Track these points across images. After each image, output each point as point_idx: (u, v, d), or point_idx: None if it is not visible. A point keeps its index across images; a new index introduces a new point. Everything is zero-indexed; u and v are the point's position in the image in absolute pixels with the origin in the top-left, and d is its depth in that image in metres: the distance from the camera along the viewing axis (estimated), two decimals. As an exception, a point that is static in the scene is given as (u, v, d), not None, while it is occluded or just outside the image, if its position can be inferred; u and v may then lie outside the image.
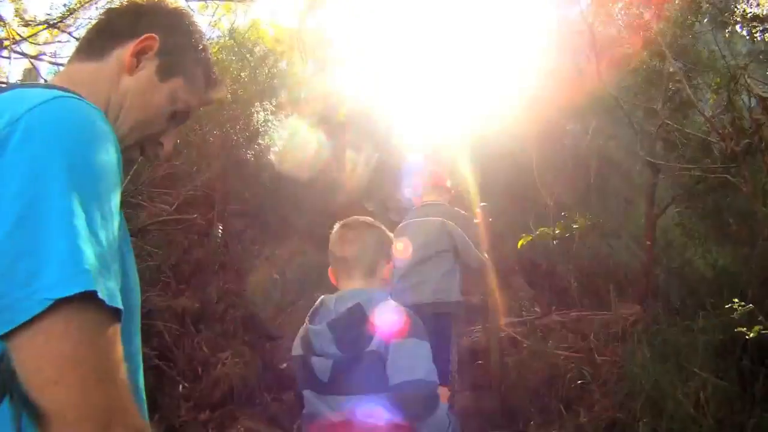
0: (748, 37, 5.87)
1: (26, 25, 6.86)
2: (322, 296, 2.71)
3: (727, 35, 6.50)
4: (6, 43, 6.29)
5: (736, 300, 3.99)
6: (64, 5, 6.80)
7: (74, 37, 7.49)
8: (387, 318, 2.49)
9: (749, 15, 6.08)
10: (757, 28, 5.99)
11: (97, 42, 1.46)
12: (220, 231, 8.22)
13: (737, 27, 6.30)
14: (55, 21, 6.68)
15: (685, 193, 6.63)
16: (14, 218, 0.97)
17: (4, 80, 6.65)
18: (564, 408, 4.93)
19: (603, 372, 5.16)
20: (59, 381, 0.93)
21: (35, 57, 7.42)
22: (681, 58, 6.46)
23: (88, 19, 8.09)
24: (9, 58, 6.43)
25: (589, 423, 4.63)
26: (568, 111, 10.21)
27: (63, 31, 7.48)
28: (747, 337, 3.83)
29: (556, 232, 6.51)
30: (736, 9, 6.26)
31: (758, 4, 6.11)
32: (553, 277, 8.15)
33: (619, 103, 6.34)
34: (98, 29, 1.49)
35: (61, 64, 7.18)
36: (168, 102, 1.51)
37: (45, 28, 6.69)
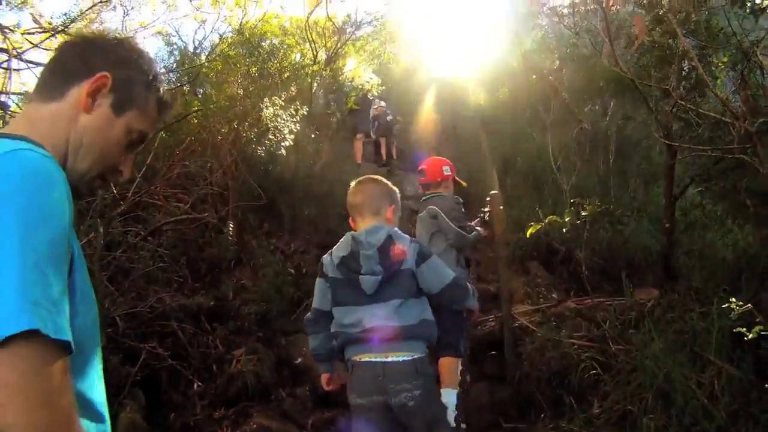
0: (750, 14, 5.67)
1: (45, 31, 6.87)
2: (348, 233, 3.72)
3: (746, 9, 6.31)
4: (13, 53, 6.29)
5: (733, 300, 3.87)
6: (65, 15, 6.81)
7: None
8: (408, 246, 3.60)
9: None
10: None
11: (54, 83, 1.57)
12: (230, 227, 8.21)
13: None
14: (60, 28, 6.68)
15: (704, 173, 6.50)
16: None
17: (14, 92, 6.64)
18: (577, 399, 4.84)
19: (617, 361, 5.07)
20: (7, 405, 1.10)
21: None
22: (694, 36, 6.31)
23: (99, 22, 8.15)
24: (13, 69, 6.41)
25: (600, 415, 4.55)
26: (586, 93, 10.08)
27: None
28: (746, 338, 3.71)
29: (566, 219, 6.38)
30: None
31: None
32: (571, 263, 8.04)
33: (634, 83, 6.20)
34: (53, 69, 1.61)
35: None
36: (125, 134, 1.65)
37: (49, 36, 6.69)
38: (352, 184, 3.92)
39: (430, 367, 3.74)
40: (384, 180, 3.96)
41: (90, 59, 1.59)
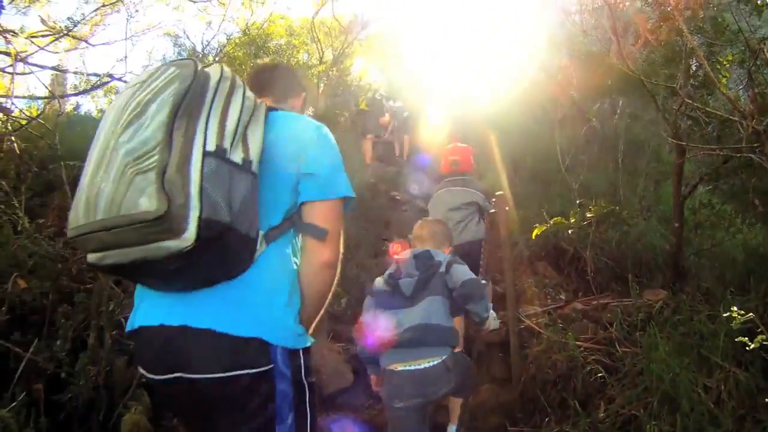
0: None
1: (51, 34, 6.88)
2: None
3: (751, 5, 6.23)
4: (18, 56, 6.31)
5: (734, 309, 3.82)
6: (69, 18, 6.86)
7: (90, 44, 7.53)
8: (443, 258, 4.43)
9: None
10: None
11: (280, 94, 2.88)
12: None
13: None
14: (65, 31, 6.70)
15: (713, 172, 6.44)
16: (332, 162, 2.46)
17: (17, 95, 6.65)
18: (582, 403, 4.80)
19: (623, 364, 5.02)
20: (333, 219, 2.41)
21: (55, 68, 7.43)
22: (701, 33, 6.26)
23: (104, 25, 8.16)
24: (17, 73, 6.41)
25: (605, 420, 4.50)
26: (595, 91, 10.02)
27: (81, 40, 7.51)
28: (747, 348, 3.67)
29: (572, 221, 6.35)
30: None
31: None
32: (579, 263, 7.99)
33: (642, 81, 6.15)
34: (277, 84, 2.89)
35: (93, 74, 7.28)
36: None
37: (54, 40, 6.71)
38: (420, 222, 5.04)
39: (457, 352, 4.35)
40: (444, 222, 5.18)
41: (296, 81, 2.98)
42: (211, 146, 1.98)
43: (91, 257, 2.07)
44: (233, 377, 2.11)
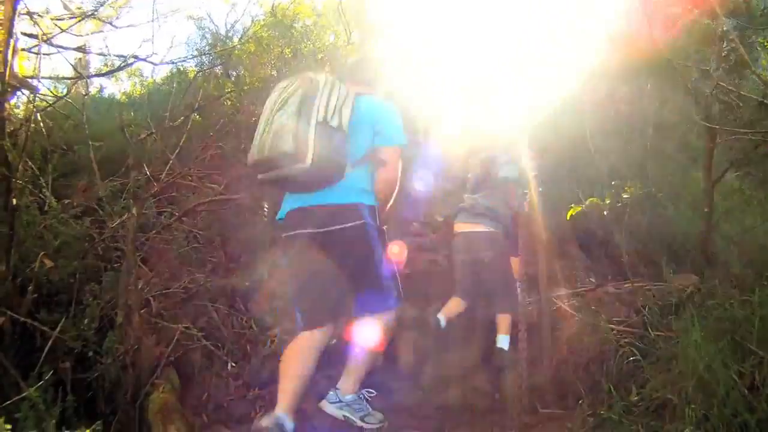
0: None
1: (73, 16, 6.89)
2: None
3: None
4: (43, 38, 6.32)
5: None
6: (96, -1, 6.89)
7: (115, 26, 7.53)
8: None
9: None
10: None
11: (365, 80, 4.81)
12: (265, 208, 8.17)
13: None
14: (90, 12, 6.70)
15: (744, 157, 6.36)
16: (393, 124, 4.55)
17: (43, 76, 6.64)
18: (616, 386, 4.76)
19: (657, 348, 4.97)
20: (392, 156, 4.49)
21: (78, 49, 7.44)
22: (734, 16, 6.17)
23: (128, 7, 8.17)
24: (43, 54, 6.41)
25: (639, 403, 4.46)
26: (623, 75, 9.91)
27: (105, 22, 7.51)
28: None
29: (606, 202, 6.28)
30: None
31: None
32: (609, 246, 7.94)
33: (672, 65, 6.06)
34: (364, 75, 4.88)
35: (121, 55, 7.33)
36: None
37: (78, 21, 6.72)
38: None
39: (503, 239, 6.39)
40: None
41: (374, 73, 4.91)
42: (320, 118, 3.97)
43: (261, 176, 4.20)
44: (350, 227, 4.20)
